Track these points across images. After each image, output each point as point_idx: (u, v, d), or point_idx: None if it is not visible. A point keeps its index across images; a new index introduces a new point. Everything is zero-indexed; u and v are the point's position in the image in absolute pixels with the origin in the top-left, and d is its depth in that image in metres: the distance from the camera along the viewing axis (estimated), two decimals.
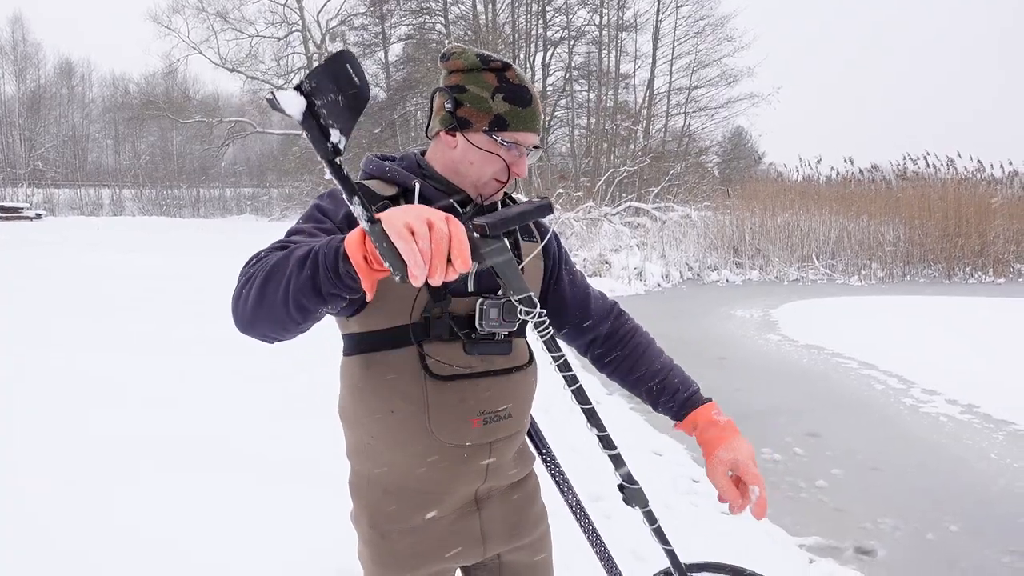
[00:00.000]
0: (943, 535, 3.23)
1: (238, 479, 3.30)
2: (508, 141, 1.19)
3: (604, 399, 5.36)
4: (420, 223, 0.80)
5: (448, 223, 0.82)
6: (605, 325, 1.44)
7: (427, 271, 0.79)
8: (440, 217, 0.82)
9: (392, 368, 1.16)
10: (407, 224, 0.80)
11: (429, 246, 0.79)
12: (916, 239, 15.66)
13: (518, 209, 0.97)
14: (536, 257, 1.33)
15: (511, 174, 1.22)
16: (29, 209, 28.13)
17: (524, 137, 1.21)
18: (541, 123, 1.24)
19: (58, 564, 2.55)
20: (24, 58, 40.08)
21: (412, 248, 0.78)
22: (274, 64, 28.14)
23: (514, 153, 1.21)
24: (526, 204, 0.99)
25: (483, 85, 1.19)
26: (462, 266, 0.81)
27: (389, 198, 1.18)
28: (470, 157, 1.20)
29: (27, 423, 3.98)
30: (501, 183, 1.23)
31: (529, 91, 1.21)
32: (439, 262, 0.80)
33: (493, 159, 1.20)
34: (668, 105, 25.12)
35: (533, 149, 1.24)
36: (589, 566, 2.46)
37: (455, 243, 0.81)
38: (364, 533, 1.27)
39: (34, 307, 7.66)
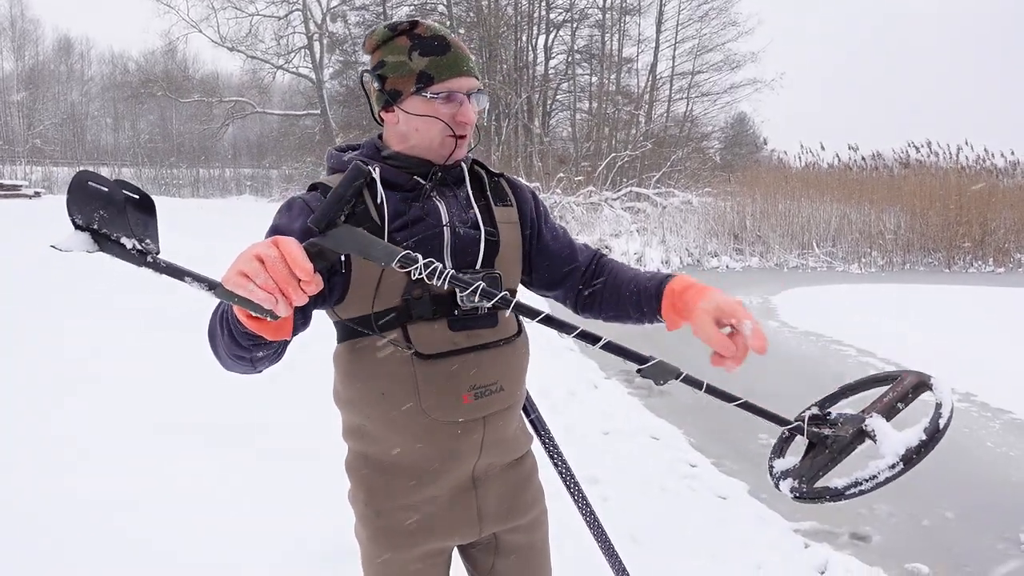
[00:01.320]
0: (938, 521, 3.24)
1: (236, 458, 3.31)
2: (440, 93, 1.17)
3: (602, 383, 5.37)
4: (250, 263, 0.83)
5: (277, 246, 0.83)
6: (589, 265, 1.40)
7: (281, 299, 0.83)
8: (267, 244, 0.84)
9: (379, 351, 1.16)
10: (240, 271, 0.83)
11: (268, 278, 0.82)
12: (917, 227, 15.65)
13: (333, 192, 0.91)
14: (512, 222, 1.30)
15: (458, 125, 1.19)
16: (28, 187, 27.99)
17: (456, 83, 1.17)
18: (471, 64, 1.20)
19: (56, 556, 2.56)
20: (22, 34, 39.76)
21: (254, 290, 0.82)
22: (274, 43, 27.90)
23: (454, 104, 1.18)
24: (341, 180, 0.92)
25: (398, 50, 1.18)
26: (303, 274, 0.83)
27: None
28: (413, 125, 1.19)
29: (24, 405, 3.99)
30: (454, 138, 1.20)
31: (445, 38, 1.18)
32: (286, 285, 0.82)
33: (429, 116, 1.18)
34: (671, 90, 24.97)
35: (477, 93, 1.21)
36: (584, 547, 2.47)
37: (289, 259, 0.83)
38: (360, 512, 1.28)
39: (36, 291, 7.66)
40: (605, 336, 1.03)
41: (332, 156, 1.26)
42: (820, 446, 1.13)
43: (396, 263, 0.91)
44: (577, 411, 4.59)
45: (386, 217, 1.16)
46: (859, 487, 1.03)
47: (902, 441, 1.03)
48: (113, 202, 0.88)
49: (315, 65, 27.60)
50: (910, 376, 1.15)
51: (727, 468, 3.81)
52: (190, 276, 0.90)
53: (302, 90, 30.65)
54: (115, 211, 0.88)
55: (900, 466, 1.01)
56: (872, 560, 2.85)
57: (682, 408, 4.85)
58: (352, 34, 27.50)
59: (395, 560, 1.26)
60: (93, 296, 7.04)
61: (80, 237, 0.90)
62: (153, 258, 0.90)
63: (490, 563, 1.37)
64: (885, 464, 1.02)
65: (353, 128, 25.25)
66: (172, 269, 0.90)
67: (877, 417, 1.10)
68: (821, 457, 1.11)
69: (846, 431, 1.11)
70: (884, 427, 1.08)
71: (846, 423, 1.14)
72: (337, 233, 0.89)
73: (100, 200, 0.88)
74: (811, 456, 1.14)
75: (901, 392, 1.12)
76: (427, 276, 0.92)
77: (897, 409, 1.13)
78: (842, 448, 1.10)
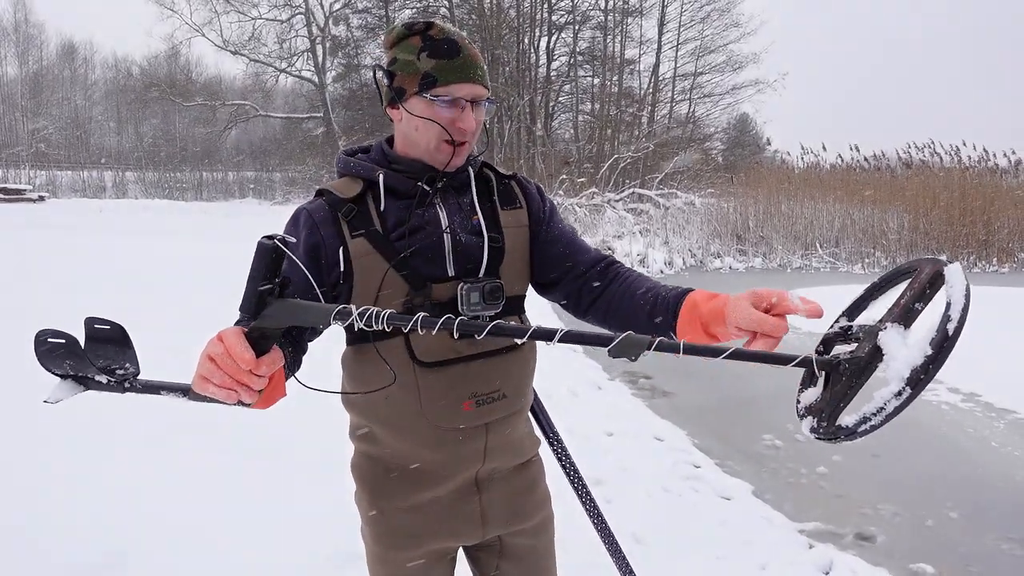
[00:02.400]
0: (943, 522, 3.24)
1: (242, 459, 3.32)
2: (442, 97, 1.15)
3: (606, 384, 5.37)
4: (204, 365, 0.90)
5: (223, 342, 0.89)
6: (593, 267, 1.30)
7: (237, 394, 0.89)
8: (214, 342, 0.90)
9: (381, 359, 1.17)
10: (199, 375, 0.90)
11: (223, 375, 0.88)
12: (920, 228, 15.60)
13: (248, 278, 0.92)
14: (521, 225, 1.29)
15: (456, 132, 1.17)
16: (32, 191, 28.09)
17: (458, 89, 1.16)
18: (480, 71, 1.18)
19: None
20: (26, 39, 39.92)
21: (215, 390, 0.89)
22: (277, 47, 27.99)
23: (455, 110, 1.17)
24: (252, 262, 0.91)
25: (409, 49, 1.18)
26: (246, 365, 0.88)
27: (352, 199, 1.18)
28: (414, 124, 1.18)
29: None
30: (451, 145, 1.18)
31: (456, 43, 1.17)
32: (239, 378, 0.88)
33: (428, 119, 1.17)
34: (673, 91, 24.99)
35: (486, 102, 1.20)
36: (590, 549, 2.48)
37: (232, 352, 0.88)
38: (366, 512, 1.29)
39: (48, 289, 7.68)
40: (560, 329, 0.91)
41: (340, 160, 1.27)
42: (836, 373, 0.99)
43: (333, 320, 0.92)
44: (580, 412, 4.59)
45: (388, 225, 1.17)
46: (869, 423, 0.91)
47: (906, 360, 0.90)
48: (74, 352, 0.99)
49: (318, 68, 27.68)
50: (927, 266, 0.98)
51: (731, 469, 3.81)
52: (165, 389, 1.01)
53: (305, 93, 30.74)
54: (78, 358, 0.99)
55: (907, 391, 0.88)
56: (877, 560, 2.85)
57: (686, 409, 4.85)
58: (354, 37, 27.57)
59: (399, 560, 1.27)
60: (101, 297, 7.06)
61: (65, 385, 1.02)
62: (131, 383, 1.01)
63: (494, 565, 1.38)
64: (890, 392, 0.90)
65: (356, 131, 25.30)
66: (150, 387, 1.01)
67: (892, 328, 0.95)
68: (839, 386, 0.98)
69: (862, 350, 0.97)
70: (894, 342, 0.94)
71: (864, 339, 0.99)
72: (270, 312, 0.90)
73: (62, 352, 0.99)
74: (830, 386, 1.00)
75: (918, 289, 0.96)
76: (364, 324, 0.91)
77: (915, 311, 0.97)
78: (859, 372, 0.96)
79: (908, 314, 0.96)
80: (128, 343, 1.02)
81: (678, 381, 5.56)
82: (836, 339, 1.06)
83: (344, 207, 1.17)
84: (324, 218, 1.17)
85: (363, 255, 1.15)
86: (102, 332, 1.00)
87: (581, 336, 0.93)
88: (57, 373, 1.01)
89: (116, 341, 1.00)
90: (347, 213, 1.17)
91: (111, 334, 1.00)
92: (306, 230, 1.17)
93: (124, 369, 1.01)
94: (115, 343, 1.01)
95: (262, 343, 0.91)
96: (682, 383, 5.50)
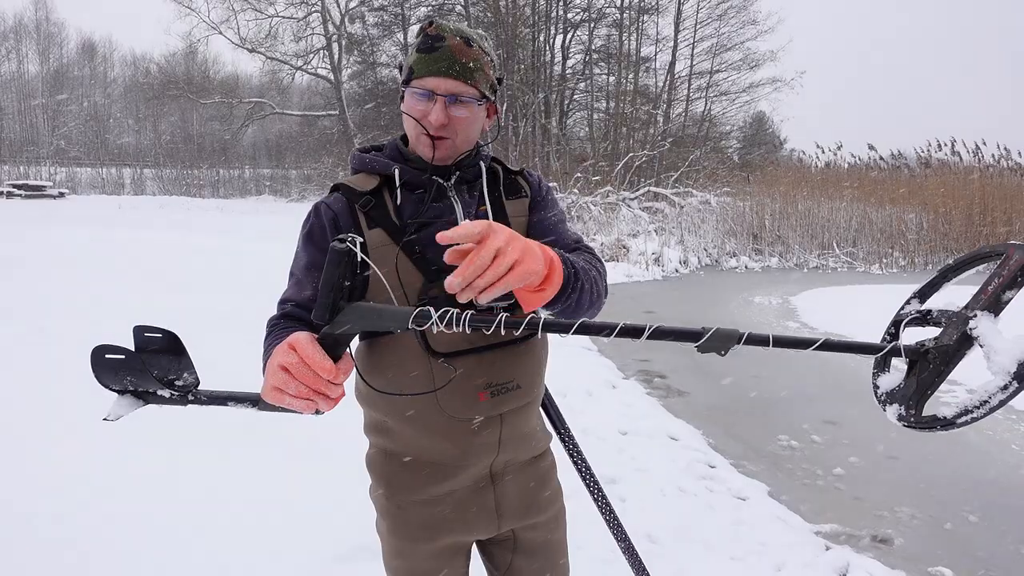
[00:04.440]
0: (961, 525, 3.20)
1: (252, 456, 3.34)
2: (417, 90, 1.17)
3: (620, 383, 5.35)
4: (277, 376, 0.89)
5: (296, 350, 0.88)
6: None
7: (315, 404, 0.88)
8: (286, 351, 0.89)
9: (397, 351, 1.18)
10: (272, 386, 0.89)
11: (299, 385, 0.88)
12: (939, 228, 15.42)
13: (322, 283, 0.88)
14: (524, 215, 1.31)
15: (426, 124, 1.17)
16: (53, 187, 28.45)
17: (430, 82, 1.16)
18: (458, 66, 1.16)
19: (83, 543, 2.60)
20: (47, 37, 40.42)
21: (289, 401, 0.88)
22: (293, 45, 28.15)
23: (426, 103, 1.17)
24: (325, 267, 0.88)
25: (412, 46, 1.22)
26: (326, 374, 0.87)
27: (371, 192, 1.20)
28: (404, 118, 1.22)
29: (55, 398, 4.05)
30: (427, 136, 1.18)
31: (443, 38, 1.17)
32: (317, 387, 0.88)
33: (409, 111, 1.19)
34: (689, 89, 24.86)
35: (477, 101, 1.19)
36: (603, 546, 2.48)
37: (310, 363, 0.87)
38: (382, 506, 1.30)
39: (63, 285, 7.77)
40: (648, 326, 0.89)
41: (355, 157, 1.28)
42: (923, 360, 0.97)
43: (411, 325, 0.88)
44: (595, 411, 4.58)
45: (404, 218, 1.19)
46: (970, 415, 0.89)
47: (1011, 353, 0.86)
48: (134, 366, 0.96)
49: (333, 66, 27.80)
50: (1017, 252, 0.94)
51: (746, 469, 3.79)
52: (233, 400, 0.99)
53: (320, 91, 30.91)
54: (139, 372, 0.96)
55: (1014, 386, 0.86)
56: (894, 563, 2.82)
57: (700, 409, 4.83)
58: (370, 35, 27.67)
59: (415, 553, 1.28)
60: (120, 291, 7.14)
61: (124, 401, 0.99)
62: (194, 395, 0.99)
63: (508, 559, 1.38)
64: (996, 386, 0.87)
65: (371, 128, 25.40)
66: (215, 398, 0.99)
67: (983, 316, 0.92)
68: (926, 374, 0.95)
69: (949, 337, 0.94)
70: (991, 330, 0.90)
71: (949, 326, 0.96)
72: (343, 317, 0.88)
73: (122, 368, 0.97)
74: (915, 373, 0.98)
75: (1008, 275, 0.92)
76: (445, 327, 0.87)
77: (1005, 301, 0.93)
78: (947, 360, 0.94)
79: (997, 303, 0.93)
80: (182, 351, 1.00)
81: (693, 380, 5.54)
82: (910, 321, 1.04)
83: (362, 199, 1.19)
84: (342, 210, 1.20)
85: (379, 246, 1.16)
86: (154, 341, 0.98)
87: (671, 332, 0.91)
88: (115, 389, 0.99)
89: (170, 350, 0.99)
90: (364, 204, 1.19)
91: (163, 343, 0.99)
92: (327, 220, 1.19)
93: (183, 380, 0.99)
94: (169, 352, 0.99)
95: (336, 349, 0.90)
96: (697, 382, 5.47)
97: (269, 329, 1.17)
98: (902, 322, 1.05)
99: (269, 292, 1.69)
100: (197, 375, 1.01)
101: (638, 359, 6.15)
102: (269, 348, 1.09)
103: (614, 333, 0.88)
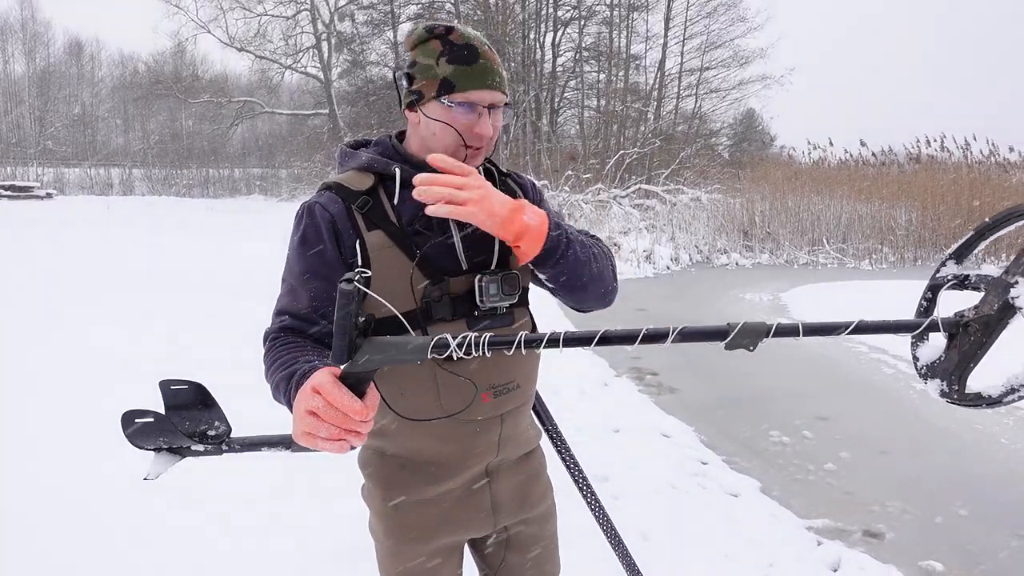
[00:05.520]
0: (952, 519, 3.22)
1: (244, 456, 3.32)
2: (460, 103, 1.15)
3: (612, 380, 5.36)
4: (306, 421, 0.89)
5: (321, 394, 0.88)
6: None
7: (348, 443, 0.88)
8: (310, 395, 0.88)
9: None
10: (303, 432, 0.90)
11: (329, 427, 0.88)
12: (929, 223, 15.52)
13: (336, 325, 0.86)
14: None
15: (473, 137, 1.17)
16: (40, 188, 28.23)
17: (477, 96, 1.15)
18: (498, 78, 1.17)
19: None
20: (33, 37, 40.04)
21: (321, 444, 0.89)
22: (282, 43, 27.98)
23: (472, 116, 1.16)
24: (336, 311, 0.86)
25: (429, 53, 1.17)
26: (356, 415, 0.87)
27: (367, 192, 1.17)
28: (432, 129, 1.18)
29: (50, 398, 4.02)
30: (468, 148, 1.18)
31: (476, 48, 1.16)
32: (347, 427, 0.87)
33: (446, 124, 1.17)
34: (679, 86, 24.89)
35: (504, 107, 1.20)
36: (593, 543, 2.47)
37: (338, 406, 0.87)
38: (377, 507, 1.28)
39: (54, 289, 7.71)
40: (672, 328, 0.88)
41: (347, 153, 1.25)
42: (963, 332, 0.93)
43: (430, 355, 0.87)
44: (587, 409, 4.58)
45: (404, 219, 1.16)
46: (1017, 393, 0.86)
47: None
48: (165, 428, 0.99)
49: (323, 65, 27.67)
50: None
51: (738, 466, 3.80)
52: (266, 445, 1.03)
53: (310, 90, 30.77)
54: (171, 432, 0.99)
55: None
56: (886, 558, 2.83)
57: (692, 406, 4.84)
58: (360, 33, 27.55)
59: (410, 554, 1.27)
60: (114, 293, 7.09)
61: (162, 459, 1.02)
62: (228, 444, 1.03)
63: (501, 556, 1.38)
64: None
65: (361, 127, 25.29)
66: (248, 445, 1.03)
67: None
68: (968, 346, 0.91)
69: (990, 306, 0.90)
70: None
71: (989, 292, 0.92)
72: (362, 356, 0.87)
73: (154, 430, 0.99)
74: (956, 345, 0.94)
75: None
76: (464, 353, 0.86)
77: None
78: (989, 330, 0.90)
79: None
80: (210, 401, 1.01)
81: (685, 377, 5.55)
82: (948, 286, 1.00)
83: (358, 199, 1.16)
84: (339, 212, 1.15)
85: (381, 249, 1.14)
86: (182, 395, 0.99)
87: (696, 333, 0.89)
88: (150, 448, 1.01)
89: (198, 402, 1.00)
90: (362, 206, 1.15)
91: (191, 396, 1.00)
92: (324, 222, 1.15)
93: (215, 430, 1.01)
94: (197, 404, 1.00)
95: (359, 387, 0.89)
96: (689, 379, 5.48)
97: (269, 345, 1.13)
98: (940, 287, 1.01)
99: (255, 292, 1.68)
100: (228, 423, 1.03)
101: (630, 356, 6.15)
102: (274, 368, 1.07)
103: (638, 340, 0.86)
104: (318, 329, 1.16)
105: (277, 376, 1.04)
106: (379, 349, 0.87)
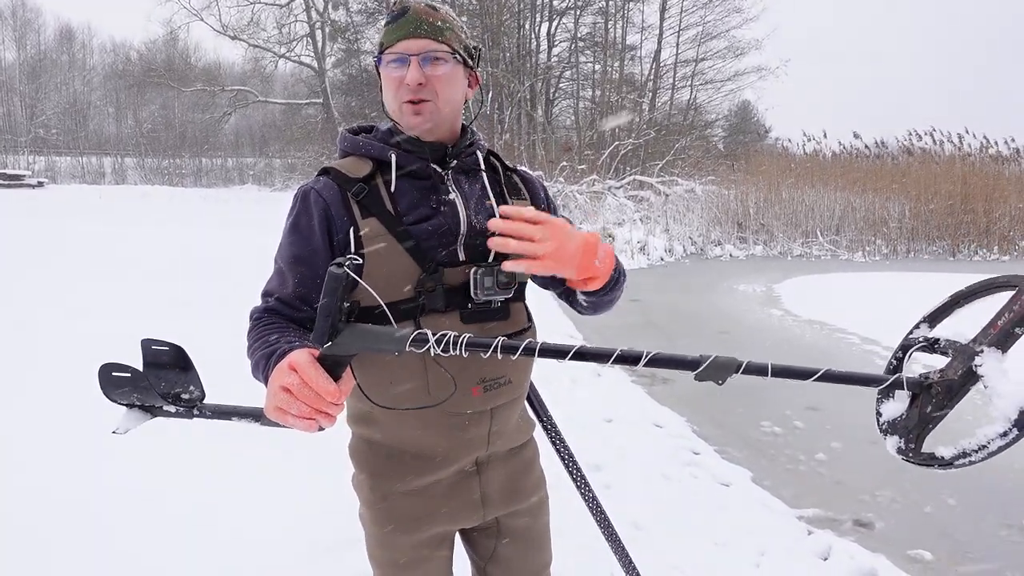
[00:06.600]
0: (941, 508, 3.25)
1: (234, 446, 3.32)
2: (391, 60, 1.15)
3: (605, 371, 5.37)
4: (279, 396, 0.90)
5: (297, 372, 0.89)
6: None
7: (317, 423, 0.89)
8: (286, 372, 0.90)
9: None
10: (275, 406, 0.91)
11: (301, 405, 0.89)
12: (921, 215, 15.58)
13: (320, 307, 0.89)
14: None
15: (404, 89, 1.15)
16: (31, 177, 28.02)
17: (402, 46, 1.14)
18: (426, 25, 1.14)
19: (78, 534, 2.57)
20: (24, 24, 39.66)
21: (292, 420, 0.90)
22: (276, 32, 27.77)
23: (403, 68, 1.15)
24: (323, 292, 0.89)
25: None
26: (328, 396, 0.88)
27: (363, 179, 1.16)
28: (384, 95, 1.20)
29: (43, 389, 4.01)
30: (409, 103, 1.16)
31: (409, 6, 1.16)
32: (319, 407, 0.89)
33: (387, 85, 1.17)
34: (674, 77, 24.85)
35: (452, 57, 1.16)
36: (587, 533, 2.48)
37: (313, 386, 0.88)
38: (365, 496, 1.28)
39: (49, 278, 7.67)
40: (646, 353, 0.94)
41: (345, 139, 1.24)
42: (926, 394, 0.96)
43: (408, 348, 0.89)
44: (580, 399, 4.60)
45: (399, 207, 1.15)
46: (968, 458, 0.90)
47: (1014, 399, 0.84)
48: (140, 385, 1.00)
49: (317, 54, 27.51)
50: None
51: (730, 455, 3.82)
52: (236, 415, 1.02)
53: (304, 79, 30.55)
54: (146, 389, 1.00)
55: (1014, 433, 0.85)
56: (875, 547, 2.86)
57: (685, 396, 4.86)
58: (354, 22, 27.37)
59: (400, 544, 1.27)
60: (102, 283, 7.06)
61: (132, 415, 1.03)
62: (199, 408, 1.03)
63: (492, 547, 1.38)
64: (996, 432, 0.86)
65: (356, 116, 25.17)
66: (219, 412, 1.03)
67: (989, 353, 0.90)
68: (929, 407, 0.95)
69: (954, 371, 0.93)
70: (994, 370, 0.89)
71: (955, 359, 0.94)
72: (342, 340, 0.89)
73: (128, 385, 1.01)
74: (918, 405, 0.97)
75: (1021, 311, 0.90)
76: (442, 350, 0.90)
77: (1015, 336, 0.90)
78: (951, 394, 0.93)
79: (1007, 338, 0.90)
80: (189, 365, 1.03)
81: None
82: (918, 348, 1.04)
83: (355, 186, 1.15)
84: (334, 197, 1.14)
85: (375, 237, 1.13)
86: (161, 355, 1.01)
87: (668, 360, 0.93)
88: (123, 403, 1.02)
89: (176, 364, 1.02)
90: (357, 193, 1.14)
91: (170, 357, 1.01)
92: (317, 210, 1.14)
93: (189, 394, 1.02)
94: (176, 366, 1.02)
95: (336, 370, 0.90)
96: None
97: (252, 323, 1.14)
98: (910, 348, 1.05)
99: (251, 281, 1.67)
100: (203, 389, 1.04)
101: (622, 347, 6.16)
102: (255, 347, 1.07)
103: (611, 360, 0.91)
104: (302, 315, 1.16)
105: (258, 354, 1.05)
106: (359, 335, 0.89)
